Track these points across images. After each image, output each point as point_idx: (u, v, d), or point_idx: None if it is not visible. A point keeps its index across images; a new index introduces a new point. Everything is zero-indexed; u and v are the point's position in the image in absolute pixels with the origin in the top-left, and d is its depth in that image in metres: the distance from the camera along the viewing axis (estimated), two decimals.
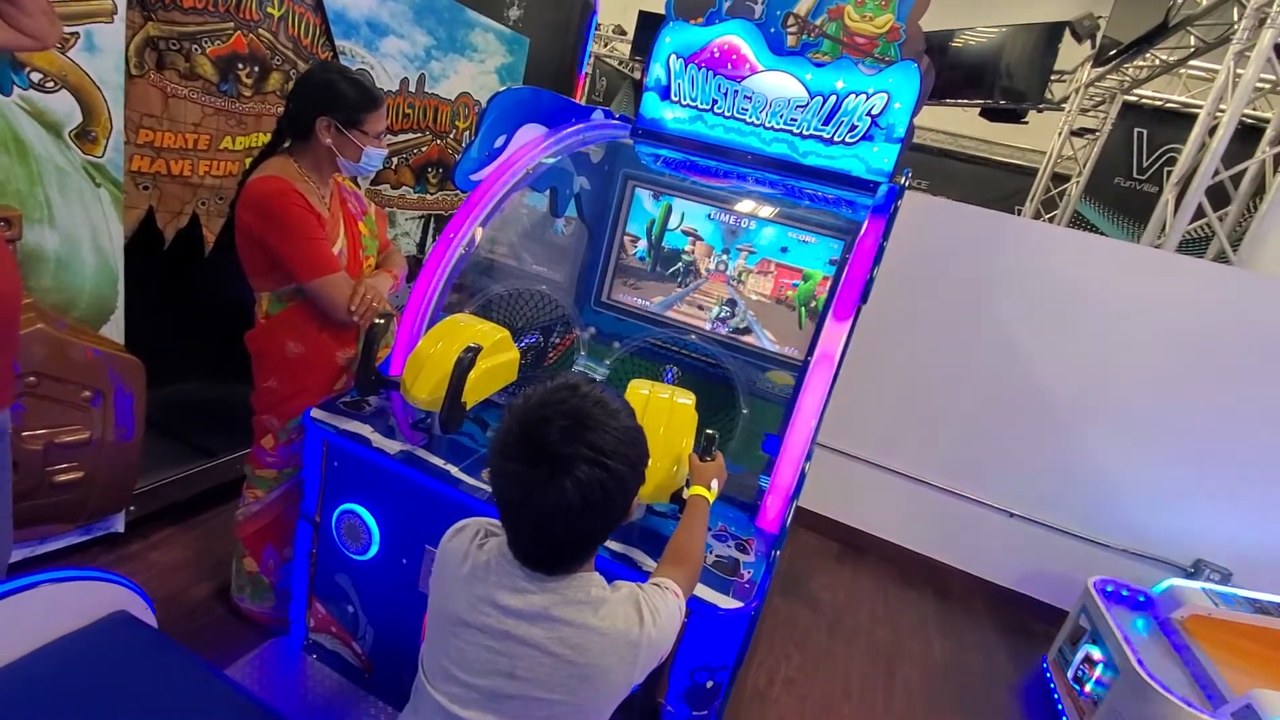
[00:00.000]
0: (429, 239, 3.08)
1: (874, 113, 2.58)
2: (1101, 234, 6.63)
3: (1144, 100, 6.96)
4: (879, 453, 3.18)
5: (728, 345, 2.65)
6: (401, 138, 2.70)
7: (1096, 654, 2.36)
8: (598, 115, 2.69)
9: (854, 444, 3.20)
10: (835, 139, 2.69)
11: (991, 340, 2.93)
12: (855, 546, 3.25)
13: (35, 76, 1.57)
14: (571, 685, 0.87)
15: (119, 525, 2.08)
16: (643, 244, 3.02)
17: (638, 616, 0.90)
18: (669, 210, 2.95)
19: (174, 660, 1.23)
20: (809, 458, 1.67)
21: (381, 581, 1.64)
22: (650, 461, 0.94)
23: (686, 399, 1.50)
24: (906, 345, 3.04)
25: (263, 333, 1.67)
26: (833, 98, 2.61)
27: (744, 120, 2.75)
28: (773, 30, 2.74)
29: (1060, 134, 7.67)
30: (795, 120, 2.67)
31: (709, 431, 1.41)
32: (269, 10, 2.04)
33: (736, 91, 2.73)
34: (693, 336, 2.43)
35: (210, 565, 2.16)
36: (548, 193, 2.57)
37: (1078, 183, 7.53)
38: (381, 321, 1.59)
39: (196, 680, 1.21)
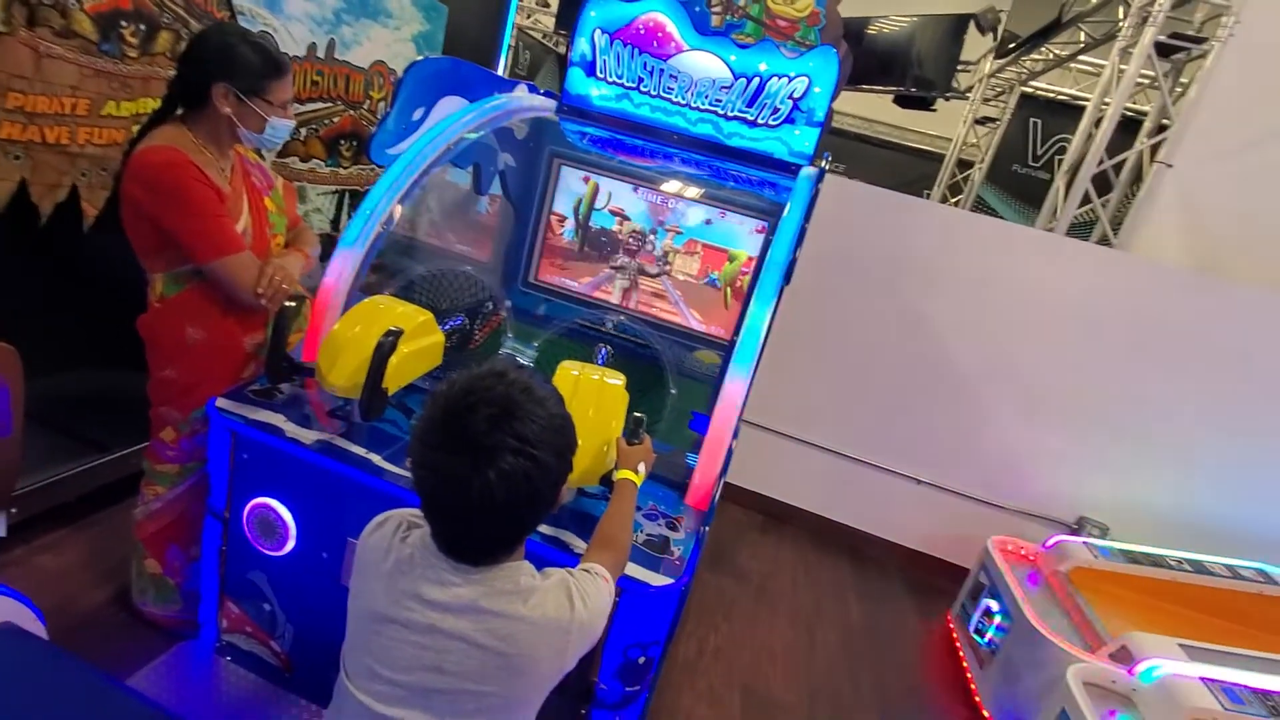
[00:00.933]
0: (343, 215, 2.93)
1: (795, 96, 2.63)
2: (1001, 218, 7.06)
3: (1039, 91, 7.42)
4: (800, 427, 3.30)
5: (656, 325, 2.68)
6: (310, 107, 2.54)
7: (994, 605, 2.56)
8: (521, 90, 2.62)
9: (777, 420, 3.31)
10: (758, 121, 2.73)
11: (902, 318, 3.09)
12: (777, 517, 3.38)
13: None
14: (502, 677, 0.86)
15: (0, 529, 1.90)
16: (570, 223, 2.98)
17: (568, 603, 0.90)
18: (596, 189, 2.92)
19: (68, 673, 1.14)
20: (735, 435, 1.72)
21: (300, 577, 1.57)
22: (580, 444, 0.94)
23: (616, 380, 1.50)
24: (826, 324, 3.16)
25: (157, 317, 1.55)
26: (756, 80, 2.64)
27: (670, 100, 2.75)
28: (697, 9, 2.73)
29: (965, 122, 8.09)
30: (720, 101, 2.69)
31: (636, 415, 1.43)
32: None
33: (662, 70, 2.72)
34: (621, 317, 2.43)
35: (106, 568, 2.00)
36: (470, 170, 2.49)
37: (980, 169, 7.98)
38: (293, 304, 1.51)
39: (94, 693, 1.13)
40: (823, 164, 2.40)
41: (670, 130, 2.76)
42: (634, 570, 1.38)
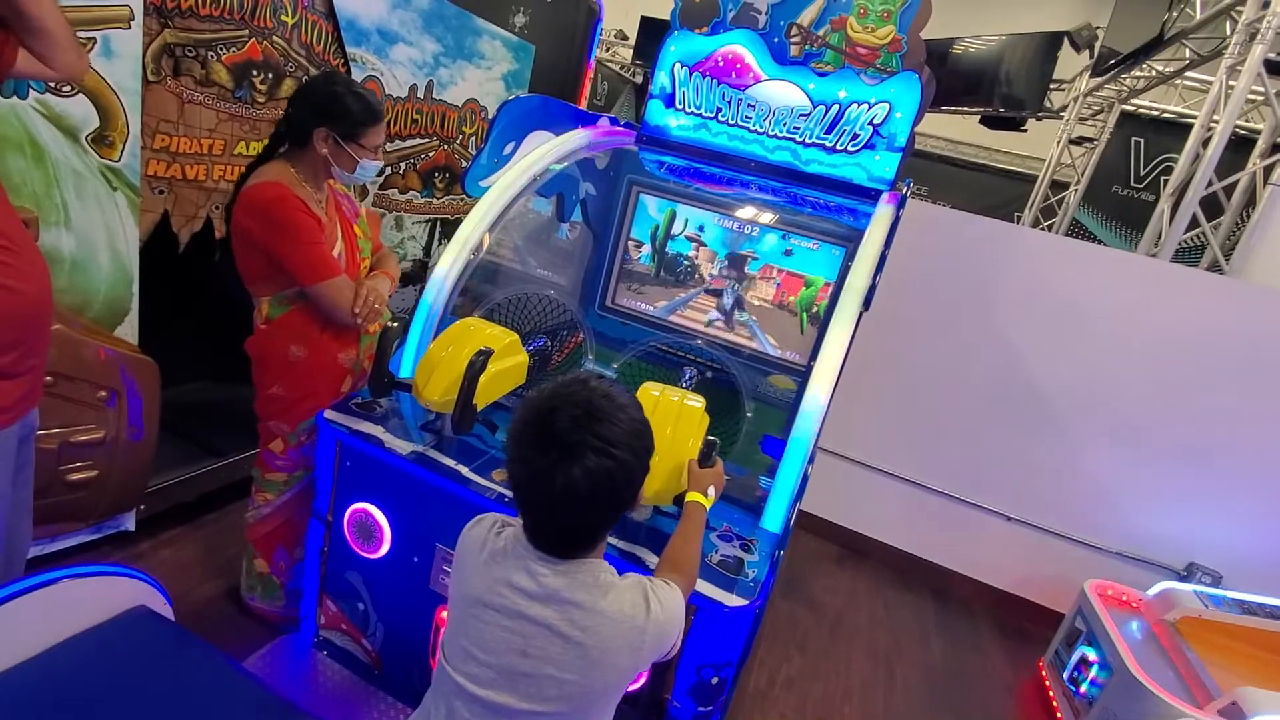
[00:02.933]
0: (435, 243, 3.11)
1: (875, 122, 2.63)
2: (1099, 242, 6.69)
3: (1141, 110, 7.02)
4: (880, 457, 3.22)
5: (732, 350, 2.69)
6: (410, 143, 2.74)
7: (1092, 655, 2.39)
8: (603, 123, 2.74)
9: (855, 449, 3.24)
10: (837, 147, 2.74)
11: (991, 346, 2.97)
12: (856, 549, 3.29)
13: (51, 81, 1.60)
14: (580, 665, 0.90)
15: (129, 524, 2.11)
16: (647, 249, 3.06)
17: (644, 603, 0.93)
18: (673, 216, 2.99)
19: (194, 654, 1.26)
20: (811, 460, 1.71)
21: (392, 579, 1.67)
22: (656, 462, 0.98)
23: (696, 402, 1.53)
24: (907, 351, 3.08)
25: (264, 338, 1.69)
26: (835, 107, 2.66)
27: (747, 128, 2.80)
28: (776, 40, 2.79)
29: (1059, 142, 7.73)
30: (798, 129, 2.72)
31: (709, 439, 1.45)
32: (283, 18, 2.08)
33: (740, 100, 2.78)
34: (698, 341, 2.47)
35: (219, 563, 2.18)
36: (554, 199, 2.61)
37: (1076, 190, 7.59)
38: (395, 325, 1.62)
39: (217, 673, 1.24)
40: (903, 189, 2.38)
41: (747, 158, 2.81)
42: (708, 589, 1.40)
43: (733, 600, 1.40)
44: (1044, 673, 2.69)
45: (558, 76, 3.64)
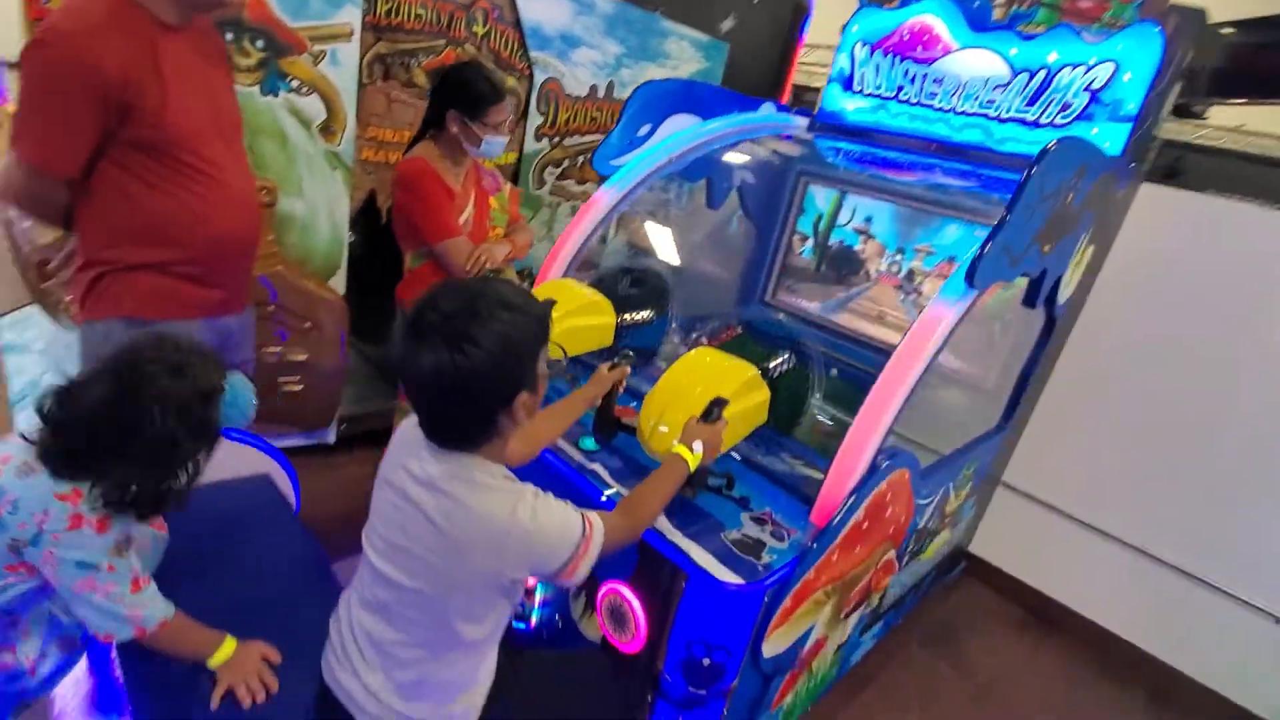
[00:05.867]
0: (612, 232, 3.33)
1: (1094, 87, 2.20)
2: None
3: None
4: (1092, 509, 2.57)
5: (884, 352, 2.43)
6: (588, 138, 2.99)
7: None
8: (767, 108, 2.68)
9: (1059, 494, 2.64)
10: (1041, 121, 2.34)
11: (1262, 376, 2.20)
12: (1046, 618, 2.66)
13: (295, 83, 2.12)
14: (444, 553, 0.94)
15: (330, 437, 2.65)
16: (811, 241, 2.90)
17: (511, 509, 0.94)
18: (839, 204, 2.79)
19: (290, 532, 1.57)
20: (895, 459, 1.48)
21: None
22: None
23: (748, 370, 1.45)
24: (1144, 377, 2.42)
25: (404, 285, 2.01)
26: (1041, 73, 2.29)
27: (931, 106, 2.54)
28: (976, 4, 2.47)
29: None
30: (992, 102, 2.39)
31: (717, 397, 1.35)
32: (474, 29, 2.46)
33: (925, 75, 2.53)
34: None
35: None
36: (704, 183, 2.61)
37: None
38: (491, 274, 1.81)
39: (307, 563, 1.51)
40: (1135, 165, 1.92)
41: (930, 140, 2.54)
42: (705, 560, 1.32)
43: (728, 577, 1.29)
44: None
45: (754, 78, 3.65)
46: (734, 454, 1.64)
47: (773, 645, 1.40)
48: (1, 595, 1.08)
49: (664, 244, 2.81)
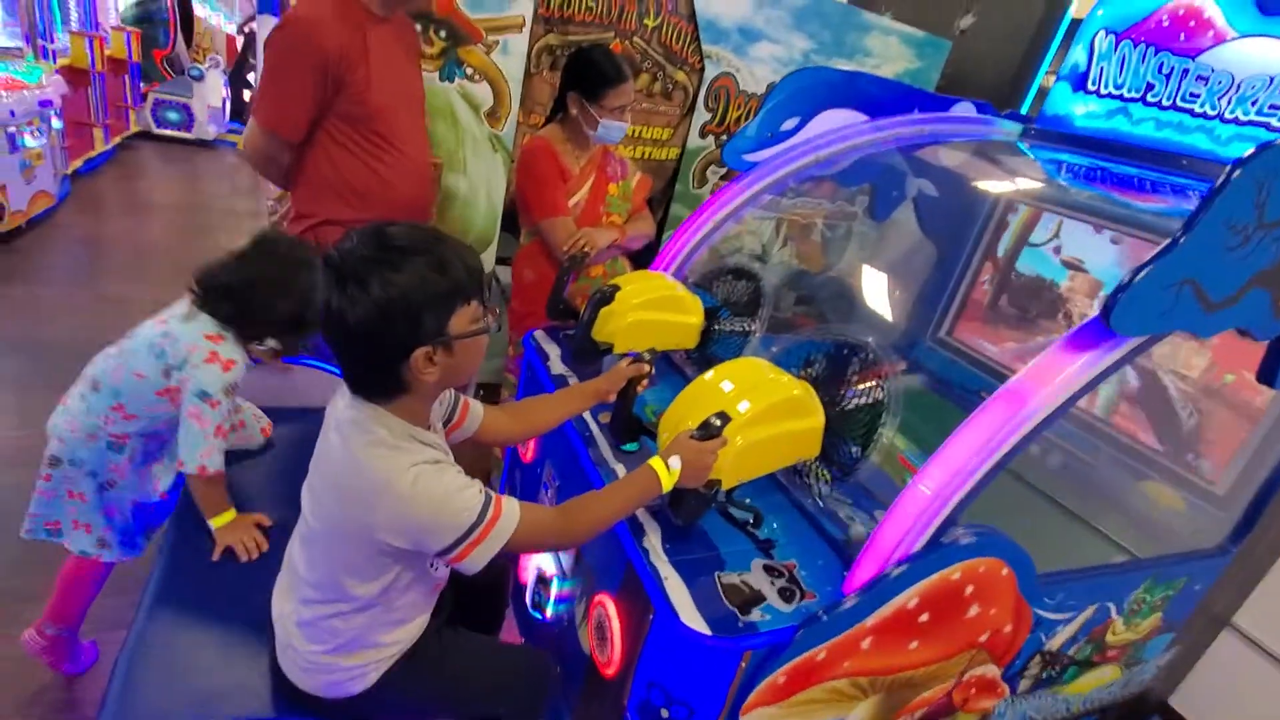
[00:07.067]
0: (779, 243, 3.12)
1: None
2: None
3: None
4: None
5: (1100, 435, 1.92)
6: None
7: None
8: (963, 108, 2.28)
9: None
10: None
11: None
12: None
13: (469, 70, 2.31)
14: (334, 494, 0.96)
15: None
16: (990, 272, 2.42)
17: (391, 469, 0.89)
18: (1029, 226, 2.28)
19: None
20: (984, 541, 1.13)
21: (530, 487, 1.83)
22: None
23: (801, 389, 1.24)
24: None
25: (516, 260, 2.08)
26: None
27: (1189, 111, 1.99)
28: None
29: None
30: (1276, 108, 1.78)
31: (716, 414, 1.14)
32: (645, 22, 2.46)
33: (1186, 71, 1.98)
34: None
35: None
36: (868, 189, 2.30)
37: None
38: (578, 255, 1.77)
39: None
40: None
41: (1181, 154, 1.97)
42: (678, 596, 1.13)
43: (694, 622, 1.10)
44: None
45: (988, 81, 3.15)
46: (779, 487, 1.40)
47: None
48: (154, 421, 1.40)
49: (807, 256, 2.54)
